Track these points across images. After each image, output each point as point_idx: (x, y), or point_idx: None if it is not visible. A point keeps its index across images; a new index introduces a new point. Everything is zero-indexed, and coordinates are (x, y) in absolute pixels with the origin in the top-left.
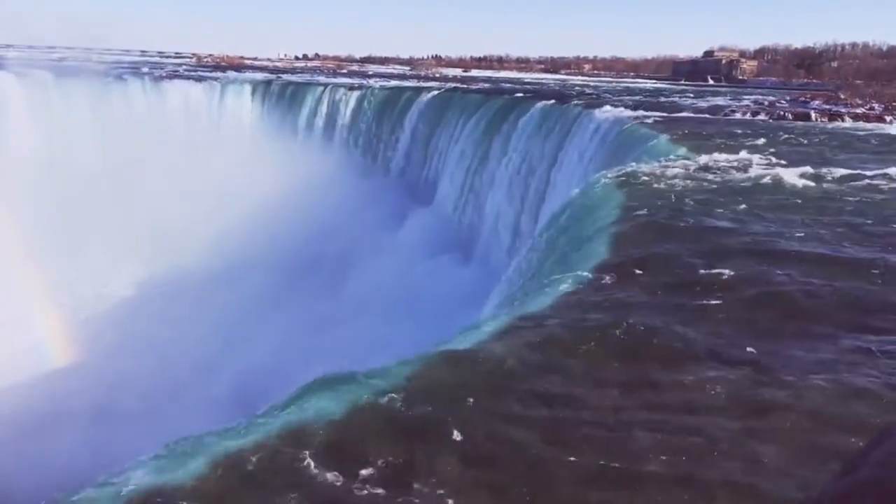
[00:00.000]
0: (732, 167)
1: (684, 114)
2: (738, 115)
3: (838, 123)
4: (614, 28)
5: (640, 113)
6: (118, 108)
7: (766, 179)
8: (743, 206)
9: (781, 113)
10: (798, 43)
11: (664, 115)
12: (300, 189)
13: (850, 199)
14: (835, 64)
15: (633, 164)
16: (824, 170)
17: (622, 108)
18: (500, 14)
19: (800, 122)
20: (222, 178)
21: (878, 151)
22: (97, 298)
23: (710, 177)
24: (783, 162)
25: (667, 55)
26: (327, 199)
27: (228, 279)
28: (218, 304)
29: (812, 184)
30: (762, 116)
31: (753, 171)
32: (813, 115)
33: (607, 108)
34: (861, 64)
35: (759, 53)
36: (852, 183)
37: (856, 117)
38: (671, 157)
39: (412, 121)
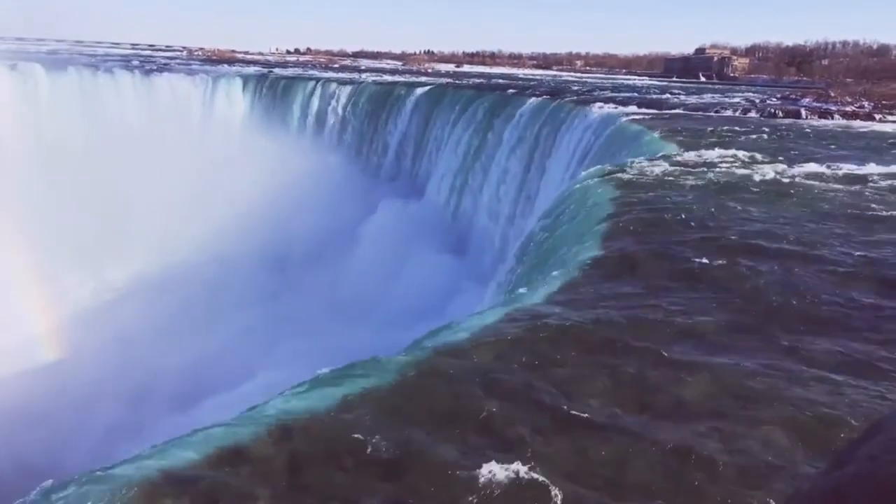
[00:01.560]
0: (723, 164)
1: (676, 111)
2: (729, 113)
3: (828, 121)
4: (606, 25)
5: (632, 109)
6: (107, 101)
7: (756, 176)
8: (733, 202)
9: (772, 111)
10: (789, 41)
11: (656, 111)
12: (290, 183)
13: (839, 195)
14: (825, 62)
15: (625, 160)
16: (813, 167)
17: (614, 105)
18: (493, 10)
19: (790, 120)
20: (212, 172)
21: (867, 149)
22: (88, 293)
23: (701, 173)
24: (773, 159)
25: (659, 52)
26: (318, 194)
27: (218, 273)
28: (208, 298)
29: (801, 180)
30: (753, 114)
31: (743, 168)
32: (803, 112)
33: (599, 104)
34: (851, 62)
35: (750, 51)
36: (841, 180)
37: (845, 115)
38: (662, 153)
39: (404, 116)
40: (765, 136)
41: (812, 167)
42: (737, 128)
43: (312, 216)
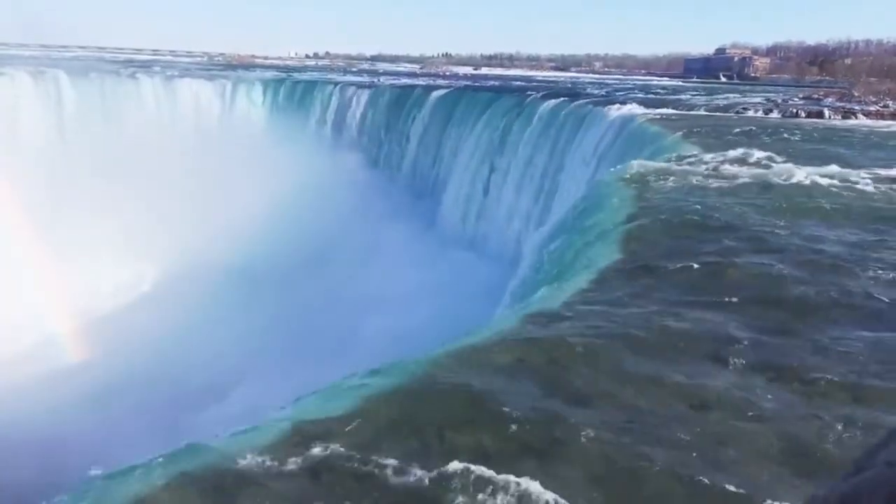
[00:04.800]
0: (744, 165)
1: (696, 111)
2: (750, 113)
3: (852, 121)
4: (625, 25)
5: (651, 111)
6: (129, 106)
7: (778, 178)
8: (754, 204)
9: (794, 111)
10: (811, 40)
11: (675, 112)
12: (308, 188)
13: (863, 198)
14: (848, 61)
15: (644, 162)
16: (837, 168)
17: (633, 106)
18: (511, 12)
19: (812, 120)
20: (232, 175)
21: (891, 148)
22: (108, 294)
23: (722, 175)
24: (795, 160)
25: (678, 52)
26: (335, 199)
27: (233, 279)
28: (225, 301)
29: (824, 182)
30: (775, 114)
31: (764, 170)
32: (826, 112)
33: (618, 105)
34: (875, 61)
35: (771, 51)
36: (865, 182)
37: (869, 115)
38: (682, 155)
39: (422, 120)
40: (787, 136)
41: (835, 169)
42: (758, 128)
43: (329, 220)
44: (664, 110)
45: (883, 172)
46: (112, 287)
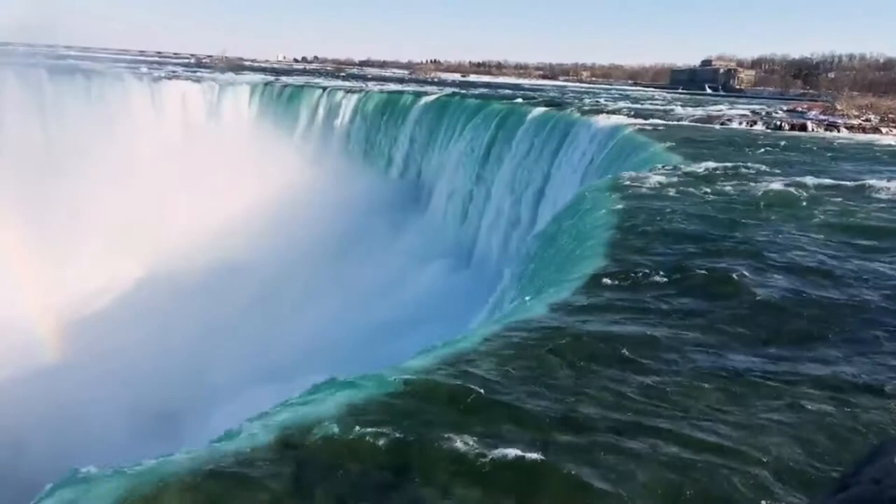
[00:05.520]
0: (728, 176)
1: (681, 122)
2: (734, 125)
3: (834, 134)
4: (613, 35)
5: (638, 121)
6: (115, 106)
7: (761, 188)
8: (737, 214)
9: (778, 123)
10: (795, 53)
11: (661, 123)
12: (295, 192)
13: (843, 208)
14: (832, 75)
15: (629, 172)
16: (819, 180)
17: (619, 116)
18: (499, 20)
19: (796, 133)
20: (218, 178)
21: (872, 161)
22: (92, 295)
23: (706, 185)
24: (778, 171)
25: (665, 63)
26: (322, 203)
27: (220, 279)
28: (210, 303)
29: (806, 193)
30: (759, 126)
31: (748, 180)
32: (809, 125)
33: (604, 115)
34: (858, 75)
35: (756, 63)
36: (846, 193)
37: (851, 128)
38: (667, 165)
39: (410, 126)
40: (770, 147)
41: (818, 180)
42: (743, 140)
43: (315, 223)
44: (651, 120)
45: (861, 183)
46: (100, 286)
